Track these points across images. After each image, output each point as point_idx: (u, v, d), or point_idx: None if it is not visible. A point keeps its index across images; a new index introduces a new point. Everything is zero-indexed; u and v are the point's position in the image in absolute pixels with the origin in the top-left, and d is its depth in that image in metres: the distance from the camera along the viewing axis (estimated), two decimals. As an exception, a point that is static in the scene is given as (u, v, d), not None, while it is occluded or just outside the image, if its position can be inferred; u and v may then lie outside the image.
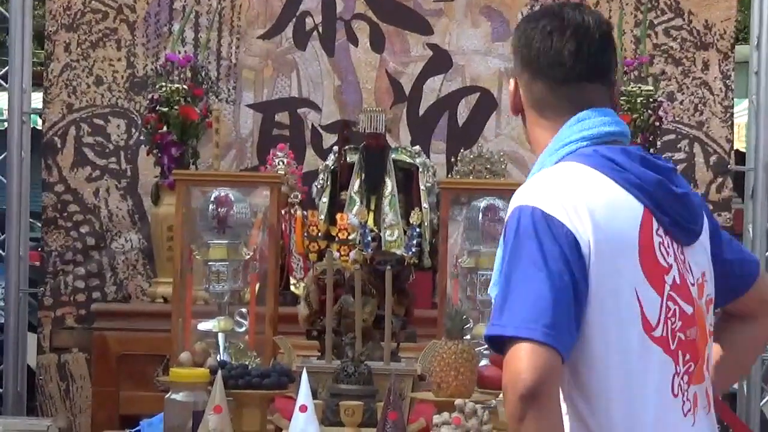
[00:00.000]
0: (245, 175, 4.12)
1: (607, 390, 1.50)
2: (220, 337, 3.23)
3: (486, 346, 2.93)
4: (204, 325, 3.25)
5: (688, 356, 1.59)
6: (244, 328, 3.36)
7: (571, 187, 1.52)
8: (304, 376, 2.67)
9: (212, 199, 3.29)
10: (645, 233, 1.56)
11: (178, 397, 2.66)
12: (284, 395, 2.77)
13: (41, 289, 4.58)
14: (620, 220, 1.55)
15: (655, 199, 1.55)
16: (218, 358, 3.05)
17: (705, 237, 1.64)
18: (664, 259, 1.58)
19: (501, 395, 2.49)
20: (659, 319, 1.54)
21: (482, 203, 3.37)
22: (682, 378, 1.59)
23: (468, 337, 3.15)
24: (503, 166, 4.19)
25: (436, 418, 2.64)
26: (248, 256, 3.41)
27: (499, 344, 1.39)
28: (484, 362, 3.02)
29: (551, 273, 1.40)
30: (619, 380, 1.52)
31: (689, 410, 1.57)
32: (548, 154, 1.57)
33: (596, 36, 1.56)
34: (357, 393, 2.81)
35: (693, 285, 1.60)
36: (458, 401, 2.64)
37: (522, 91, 1.59)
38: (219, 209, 3.28)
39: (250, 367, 2.84)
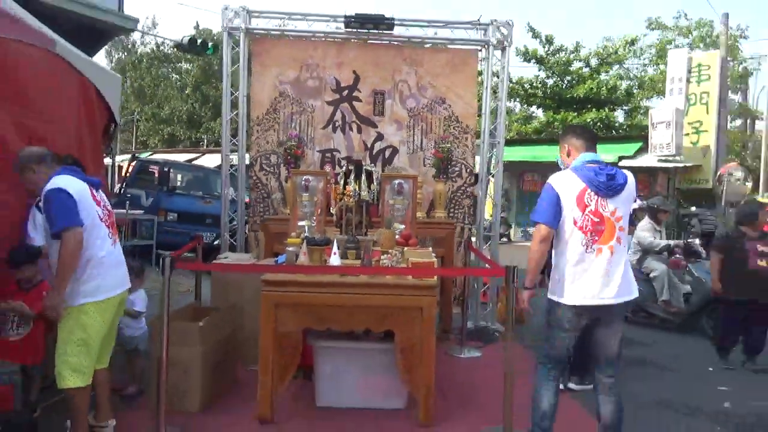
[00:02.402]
0: (317, 171, 5.32)
1: (565, 240, 2.88)
2: (306, 227, 4.38)
3: (399, 230, 4.38)
4: (300, 223, 4.47)
5: (591, 234, 2.85)
6: (314, 224, 4.49)
7: (560, 177, 2.92)
8: (335, 241, 3.65)
9: (303, 180, 4.62)
10: (581, 193, 2.85)
11: (291, 249, 3.67)
12: (328, 248, 3.64)
13: (249, 213, 6.34)
14: (572, 189, 2.86)
15: (590, 182, 2.86)
16: (305, 234, 4.05)
17: (623, 198, 2.88)
18: (587, 201, 2.86)
19: (405, 248, 3.78)
20: (579, 219, 2.85)
21: (396, 181, 4.78)
22: (588, 239, 2.85)
23: (392, 227, 4.49)
24: (402, 171, 5.98)
25: (382, 257, 3.66)
26: (316, 199, 4.60)
27: (535, 223, 2.88)
28: (397, 236, 4.10)
29: (549, 201, 2.89)
30: (562, 236, 2.88)
31: (591, 251, 2.84)
32: (570, 166, 2.93)
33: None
34: (353, 247, 3.91)
35: (606, 211, 2.86)
36: (389, 250, 3.74)
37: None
38: (306, 183, 4.61)
39: (315, 238, 3.72)
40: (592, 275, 2.83)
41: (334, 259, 3.48)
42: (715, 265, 5.33)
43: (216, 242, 7.64)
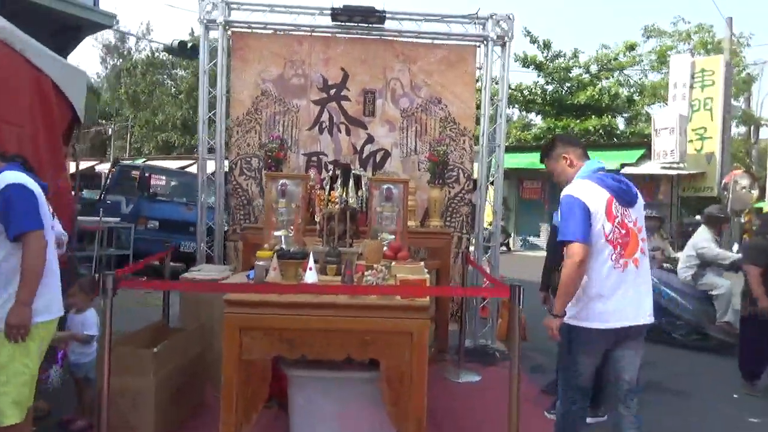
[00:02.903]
0: (296, 174, 4.80)
1: (594, 251, 2.67)
2: (283, 238, 3.97)
3: (387, 240, 3.91)
4: (276, 233, 4.05)
5: (620, 247, 2.69)
6: (292, 234, 4.06)
7: (583, 186, 2.74)
8: (311, 254, 3.18)
9: (279, 184, 4.19)
10: (609, 203, 2.70)
11: (261, 263, 3.16)
12: (305, 262, 3.15)
13: (229, 220, 6.00)
14: (599, 198, 2.70)
15: (614, 191, 2.71)
16: (279, 246, 3.62)
17: (639, 206, 2.78)
18: (615, 212, 2.72)
19: (393, 263, 3.29)
20: (609, 232, 2.68)
21: (384, 186, 4.33)
22: (617, 253, 2.68)
23: (379, 238, 4.04)
24: (394, 176, 5.50)
25: (366, 272, 3.16)
26: (294, 206, 4.18)
27: (563, 242, 2.62)
28: (385, 248, 3.67)
29: (581, 215, 2.62)
30: (596, 248, 2.66)
31: (619, 265, 2.69)
32: (578, 176, 2.82)
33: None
34: (334, 261, 3.41)
35: (630, 222, 2.73)
36: (375, 265, 3.23)
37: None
38: (283, 188, 4.20)
39: (290, 250, 3.33)
40: (622, 293, 2.66)
41: (310, 276, 3.04)
42: (756, 280, 4.85)
43: (198, 253, 7.11)
